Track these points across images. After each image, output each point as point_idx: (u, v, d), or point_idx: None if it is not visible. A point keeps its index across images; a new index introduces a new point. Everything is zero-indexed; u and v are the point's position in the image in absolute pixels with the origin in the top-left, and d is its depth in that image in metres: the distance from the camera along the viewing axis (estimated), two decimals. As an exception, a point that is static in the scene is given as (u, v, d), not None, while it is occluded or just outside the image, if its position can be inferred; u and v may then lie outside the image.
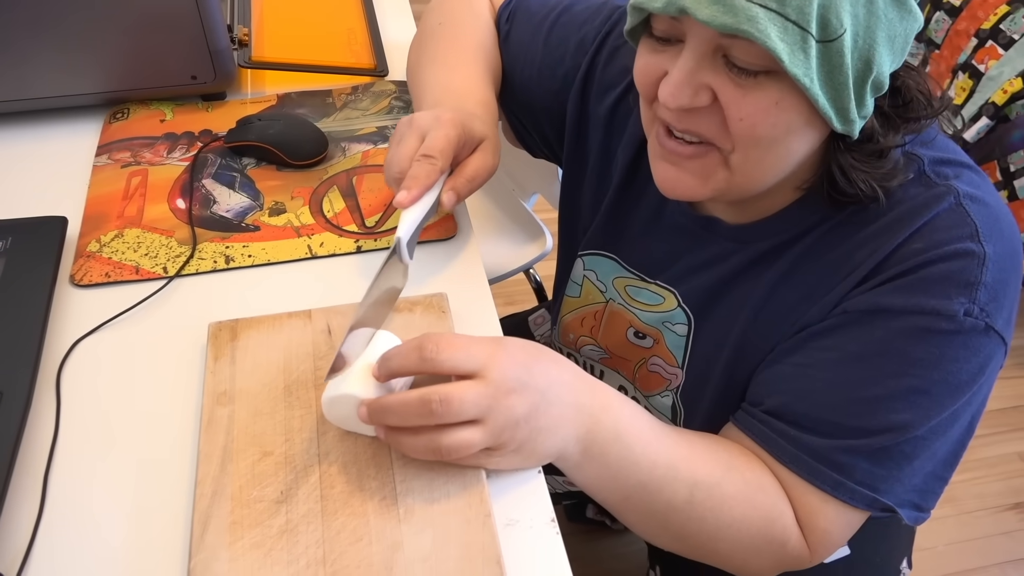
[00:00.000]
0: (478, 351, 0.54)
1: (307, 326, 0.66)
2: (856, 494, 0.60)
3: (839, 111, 0.55)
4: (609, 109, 0.78)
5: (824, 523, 0.61)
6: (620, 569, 1.37)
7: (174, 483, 0.58)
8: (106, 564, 0.54)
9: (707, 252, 0.72)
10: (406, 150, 0.69)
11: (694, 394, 0.76)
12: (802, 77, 0.52)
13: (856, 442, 0.59)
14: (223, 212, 0.80)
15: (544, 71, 0.81)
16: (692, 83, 0.56)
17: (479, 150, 0.72)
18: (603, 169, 0.80)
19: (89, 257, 0.75)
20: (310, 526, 0.54)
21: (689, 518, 0.60)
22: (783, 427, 0.62)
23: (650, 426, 0.60)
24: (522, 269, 1.31)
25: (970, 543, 1.46)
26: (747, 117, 0.55)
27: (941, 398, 0.59)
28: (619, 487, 0.59)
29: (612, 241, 0.80)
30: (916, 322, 0.58)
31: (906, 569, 0.86)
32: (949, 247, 0.58)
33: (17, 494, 0.58)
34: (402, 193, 0.66)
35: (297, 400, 0.61)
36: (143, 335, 0.69)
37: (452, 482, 0.56)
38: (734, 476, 0.61)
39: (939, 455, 0.61)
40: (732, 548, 0.62)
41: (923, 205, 0.60)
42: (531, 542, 0.55)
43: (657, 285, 0.77)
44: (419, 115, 0.71)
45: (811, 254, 0.65)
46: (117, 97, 0.93)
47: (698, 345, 0.74)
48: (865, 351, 0.60)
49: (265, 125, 0.86)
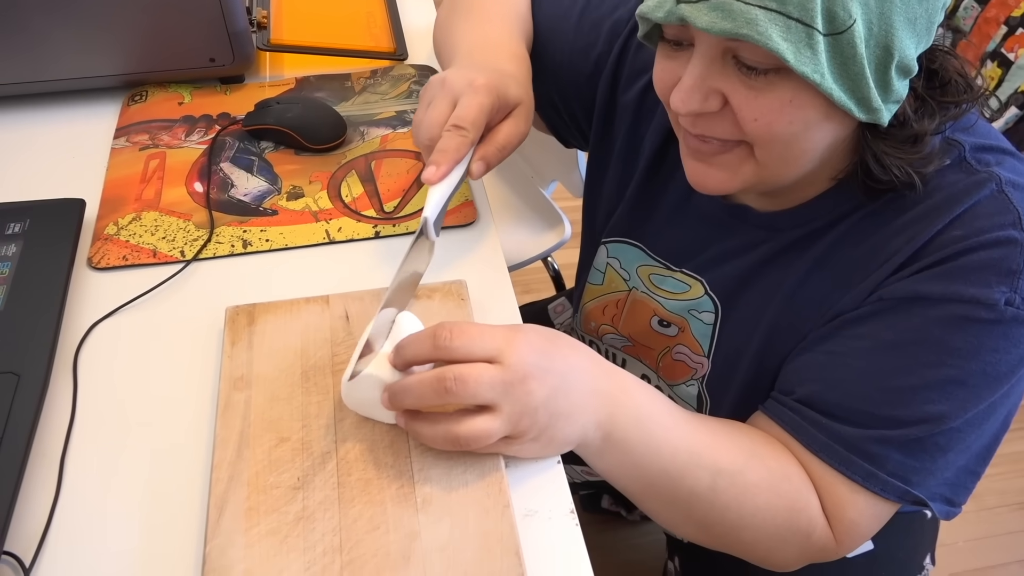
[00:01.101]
0: (493, 338, 0.54)
1: (325, 311, 0.66)
2: (888, 485, 0.59)
3: (859, 101, 0.53)
4: (639, 94, 0.76)
5: (853, 514, 0.60)
6: (636, 560, 1.36)
7: (190, 468, 0.58)
8: (122, 548, 0.54)
9: (736, 240, 0.71)
10: (437, 115, 0.65)
11: (721, 383, 0.75)
12: (811, 74, 0.51)
13: (889, 432, 0.58)
14: (241, 196, 0.79)
15: (576, 54, 0.80)
16: (702, 88, 0.55)
17: (512, 116, 0.69)
18: (629, 156, 0.78)
19: (107, 240, 0.74)
20: (327, 513, 0.53)
21: (712, 506, 0.59)
22: (815, 416, 0.61)
23: (670, 412, 0.59)
24: (540, 257, 1.30)
25: (991, 539, 1.44)
26: (761, 117, 0.55)
27: (979, 390, 0.57)
28: (641, 474, 0.58)
29: (637, 229, 0.79)
30: (955, 310, 0.56)
31: (929, 565, 0.84)
32: (990, 235, 0.56)
33: (34, 477, 0.57)
34: (430, 169, 0.63)
35: (314, 386, 0.60)
36: (160, 319, 0.68)
37: (470, 471, 0.55)
38: (757, 464, 0.60)
39: (973, 449, 0.60)
40: (756, 537, 0.61)
41: (964, 192, 0.58)
42: (550, 533, 0.54)
43: (683, 273, 0.75)
44: (452, 76, 0.67)
45: (845, 242, 0.64)
46: (135, 79, 0.92)
47: (725, 334, 0.73)
48: (901, 339, 0.58)
49: (283, 108, 0.85)
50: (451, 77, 0.67)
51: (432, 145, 0.65)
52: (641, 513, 1.24)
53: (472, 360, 0.53)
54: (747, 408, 0.68)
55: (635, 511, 1.29)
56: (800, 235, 0.66)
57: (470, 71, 0.68)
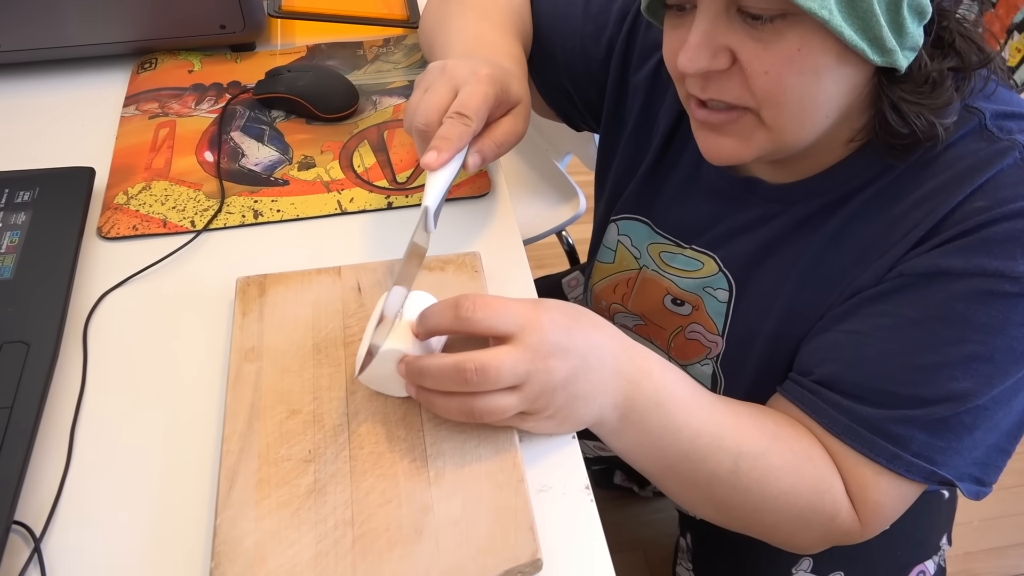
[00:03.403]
0: (516, 313, 0.52)
1: (336, 283, 0.65)
2: (913, 466, 0.57)
3: (872, 41, 0.51)
4: (651, 73, 0.75)
5: (877, 495, 0.58)
6: (648, 536, 1.36)
7: (201, 439, 0.57)
8: (132, 518, 0.53)
9: (748, 214, 0.69)
10: (436, 101, 0.62)
11: (735, 363, 0.73)
12: (819, 10, 0.49)
13: (913, 412, 0.57)
14: (251, 166, 0.78)
15: (587, 41, 0.78)
16: (710, 45, 0.54)
17: (512, 113, 0.67)
18: (642, 135, 0.77)
19: (116, 209, 0.73)
20: (338, 486, 0.52)
21: (734, 488, 0.58)
22: (835, 398, 0.59)
23: (693, 394, 0.58)
24: (555, 231, 1.29)
25: (1009, 519, 1.43)
26: (771, 68, 0.53)
27: (1005, 365, 0.55)
28: (661, 456, 0.57)
29: (646, 205, 0.78)
30: (978, 284, 0.55)
31: (945, 545, 0.83)
32: (1014, 205, 0.54)
33: (44, 447, 0.57)
34: (431, 154, 0.60)
35: (326, 358, 0.59)
36: (170, 289, 0.67)
37: (484, 445, 0.54)
38: (781, 446, 0.58)
39: (1003, 427, 0.58)
40: (778, 520, 0.60)
41: (985, 161, 0.56)
42: (565, 508, 0.54)
43: (693, 250, 0.74)
44: (454, 63, 0.64)
45: (862, 216, 0.62)
46: (145, 46, 0.91)
47: (740, 312, 0.71)
48: (923, 316, 0.57)
49: (295, 77, 0.84)
50: (452, 65, 0.64)
51: (427, 132, 0.62)
52: (654, 489, 1.23)
53: (493, 334, 0.52)
54: (763, 387, 0.67)
55: (648, 487, 1.29)
56: (815, 208, 0.64)
57: (473, 61, 0.65)
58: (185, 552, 0.52)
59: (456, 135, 0.61)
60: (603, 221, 0.84)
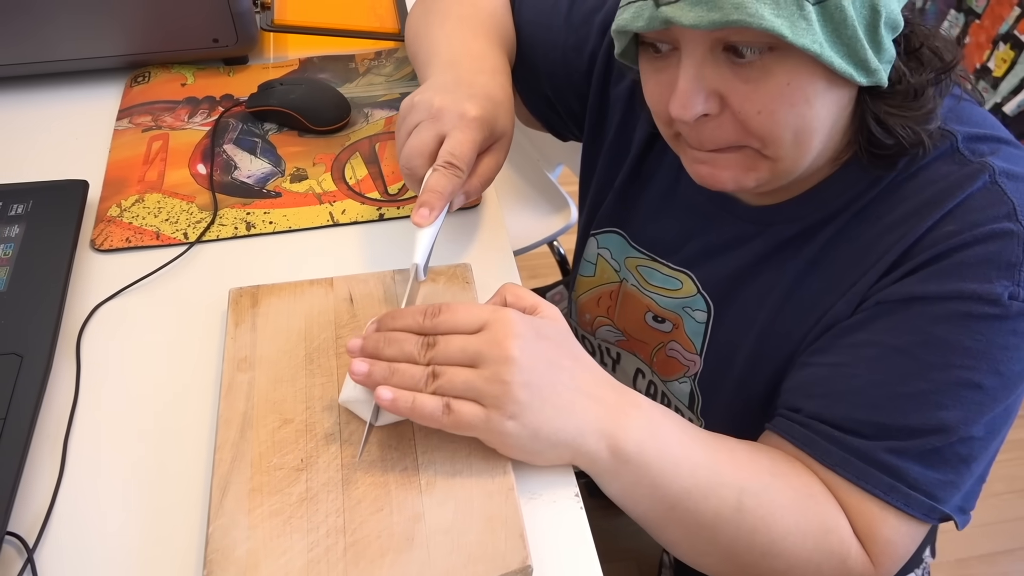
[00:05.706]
0: (483, 310, 0.53)
1: (329, 294, 0.65)
2: (911, 500, 0.55)
3: (858, 65, 0.52)
4: (631, 86, 0.74)
5: (887, 532, 0.55)
6: (636, 548, 1.36)
7: (193, 449, 0.58)
8: (125, 529, 0.54)
9: (725, 234, 0.69)
10: (422, 145, 0.62)
11: (712, 382, 0.73)
12: (811, 45, 0.49)
13: (904, 443, 0.55)
14: (244, 178, 0.79)
15: (569, 53, 0.77)
16: (700, 89, 0.53)
17: (494, 148, 0.66)
18: (621, 146, 0.77)
19: (110, 222, 0.74)
20: (330, 495, 0.53)
21: (739, 529, 0.55)
22: (827, 430, 0.57)
23: (684, 428, 0.56)
24: (546, 241, 1.29)
25: (998, 526, 1.43)
26: (764, 107, 0.52)
27: (994, 391, 0.54)
28: (662, 496, 0.54)
29: (624, 219, 0.78)
30: (957, 307, 0.54)
31: (928, 558, 0.83)
32: (985, 228, 0.54)
33: (37, 458, 0.57)
34: (423, 212, 0.59)
35: (318, 368, 0.60)
36: (163, 301, 0.68)
37: (475, 454, 0.55)
38: (780, 483, 0.56)
39: (991, 453, 0.57)
40: (789, 565, 0.56)
41: (955, 185, 0.56)
42: (554, 516, 0.54)
43: (670, 267, 0.74)
44: (442, 106, 0.63)
45: (839, 240, 0.61)
46: (138, 60, 0.92)
47: (718, 333, 0.71)
48: (905, 343, 0.55)
49: (287, 90, 0.84)
50: (441, 106, 0.63)
51: (414, 174, 0.62)
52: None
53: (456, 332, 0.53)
54: (739, 408, 0.66)
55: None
56: (794, 232, 0.64)
57: (459, 97, 0.64)
58: (178, 561, 0.52)
59: (449, 189, 0.61)
60: (584, 233, 0.84)
